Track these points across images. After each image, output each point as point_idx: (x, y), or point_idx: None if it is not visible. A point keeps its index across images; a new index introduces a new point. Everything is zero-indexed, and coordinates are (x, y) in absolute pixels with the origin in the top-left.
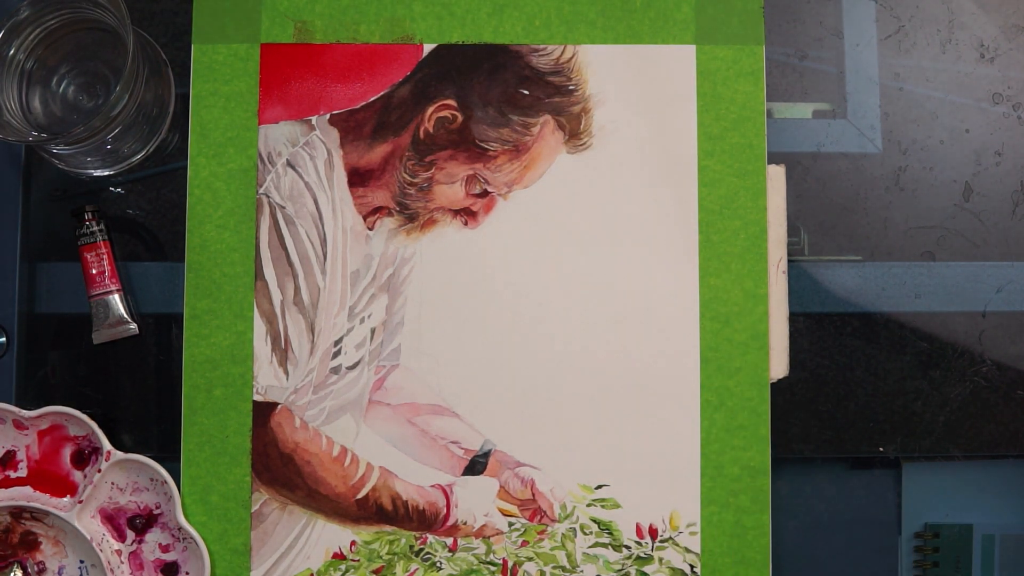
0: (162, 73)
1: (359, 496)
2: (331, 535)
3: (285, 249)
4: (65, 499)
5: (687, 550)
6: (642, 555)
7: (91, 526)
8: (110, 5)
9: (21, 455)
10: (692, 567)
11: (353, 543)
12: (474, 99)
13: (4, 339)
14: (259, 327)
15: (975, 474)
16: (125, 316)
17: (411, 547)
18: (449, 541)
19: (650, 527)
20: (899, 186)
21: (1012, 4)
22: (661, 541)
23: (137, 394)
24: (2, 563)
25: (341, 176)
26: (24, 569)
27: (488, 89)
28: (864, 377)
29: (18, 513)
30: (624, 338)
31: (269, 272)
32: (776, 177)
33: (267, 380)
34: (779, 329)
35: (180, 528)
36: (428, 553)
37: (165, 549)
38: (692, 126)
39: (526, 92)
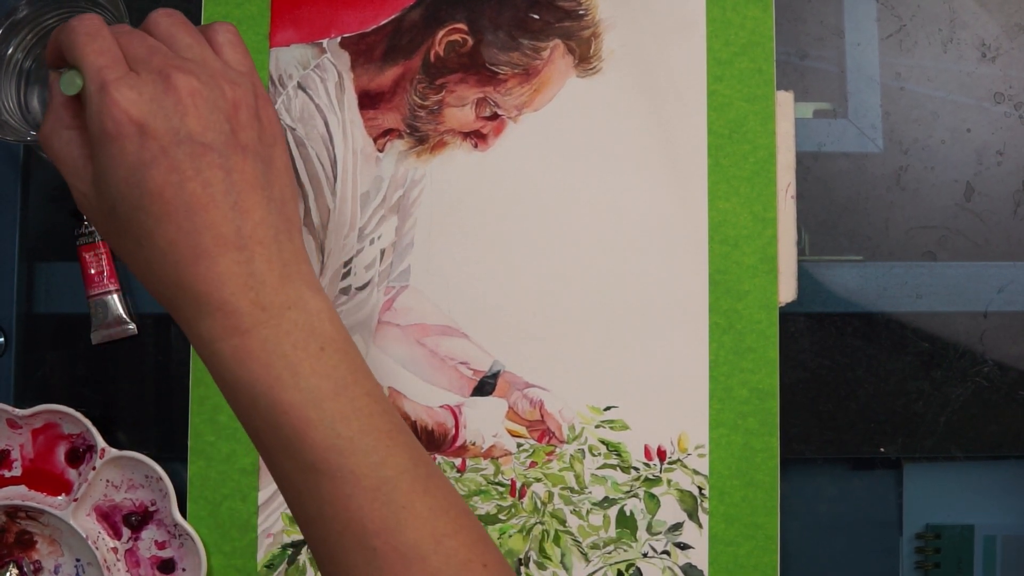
0: None
1: None
2: None
3: (295, 171)
4: (60, 497)
5: (695, 472)
6: (650, 477)
7: (87, 524)
8: (109, 5)
9: (15, 454)
10: (700, 489)
11: None
12: (484, 23)
13: (3, 339)
14: None
15: (977, 475)
16: (124, 316)
17: None
18: (457, 462)
19: (659, 449)
20: (900, 186)
21: (1014, 3)
22: (670, 463)
23: (136, 394)
24: None
25: (351, 99)
26: (20, 569)
27: (498, 13)
28: (865, 377)
29: (13, 512)
30: (633, 261)
31: None
32: (785, 103)
33: None
34: (787, 253)
35: (176, 524)
36: None
37: (161, 546)
38: (701, 51)
39: (536, 16)
